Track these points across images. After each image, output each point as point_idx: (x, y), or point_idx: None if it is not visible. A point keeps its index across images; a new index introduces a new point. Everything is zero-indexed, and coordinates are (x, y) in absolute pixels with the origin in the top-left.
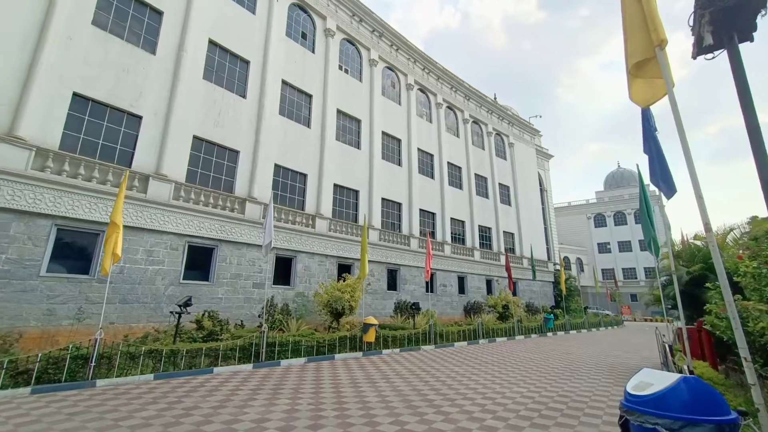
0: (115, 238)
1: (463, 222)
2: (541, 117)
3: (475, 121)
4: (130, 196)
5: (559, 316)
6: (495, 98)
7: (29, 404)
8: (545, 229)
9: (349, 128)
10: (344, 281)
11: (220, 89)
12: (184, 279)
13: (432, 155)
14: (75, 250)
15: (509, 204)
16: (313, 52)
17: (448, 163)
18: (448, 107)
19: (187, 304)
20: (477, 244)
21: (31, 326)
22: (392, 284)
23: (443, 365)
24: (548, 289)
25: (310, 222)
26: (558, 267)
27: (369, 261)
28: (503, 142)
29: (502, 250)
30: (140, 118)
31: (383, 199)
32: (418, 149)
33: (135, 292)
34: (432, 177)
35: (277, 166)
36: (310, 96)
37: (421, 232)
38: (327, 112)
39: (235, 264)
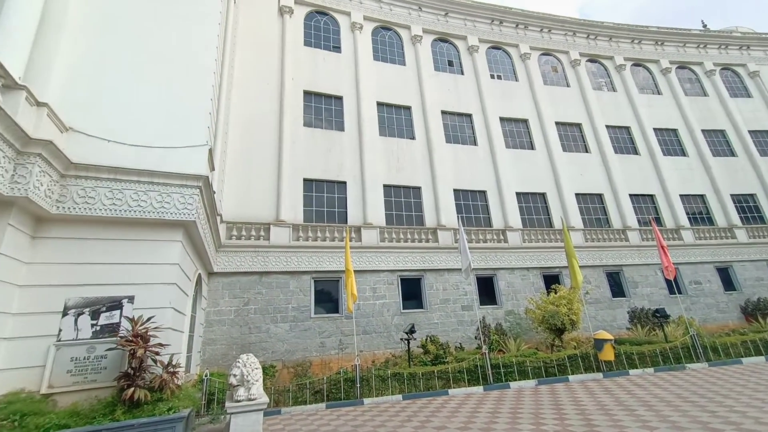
0: (351, 281)
1: (701, 196)
2: None
3: (681, 66)
4: (352, 245)
5: None
6: (705, 27)
7: (328, 416)
8: None
9: (517, 131)
10: (555, 293)
11: (394, 139)
12: (403, 309)
13: (627, 128)
14: (327, 295)
15: None
16: (462, 73)
17: (655, 129)
18: (635, 65)
19: (412, 331)
20: (737, 220)
21: (314, 356)
22: (617, 290)
23: (738, 391)
24: None
25: (501, 237)
26: None
27: (580, 266)
28: (738, 76)
29: None
30: (345, 183)
31: (577, 194)
32: (607, 126)
33: (371, 324)
34: (635, 152)
35: (455, 191)
36: (469, 116)
37: (640, 221)
38: (490, 125)
39: (441, 290)
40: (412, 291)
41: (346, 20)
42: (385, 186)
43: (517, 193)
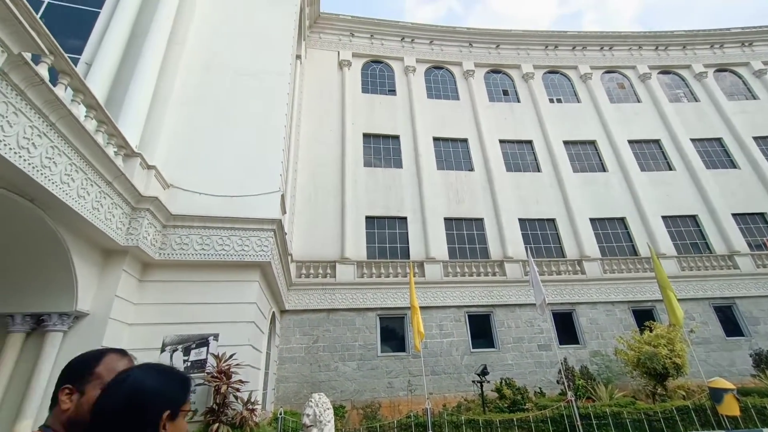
0: (417, 318)
1: None
2: None
3: None
4: (416, 281)
5: None
6: None
7: None
8: None
9: (584, 154)
10: (651, 331)
11: (452, 172)
12: (473, 348)
13: (718, 139)
14: (392, 332)
15: None
16: (518, 101)
17: (756, 138)
18: (718, 70)
19: (484, 372)
20: None
21: (383, 397)
22: (731, 327)
23: None
24: None
25: (578, 268)
26: None
27: (678, 299)
28: None
29: None
30: (405, 218)
31: (664, 217)
32: (692, 140)
33: (439, 364)
34: (733, 166)
35: (521, 221)
36: (529, 142)
37: (751, 245)
38: (553, 149)
39: (513, 327)
40: (481, 328)
41: (399, 65)
42: (445, 219)
43: (592, 220)
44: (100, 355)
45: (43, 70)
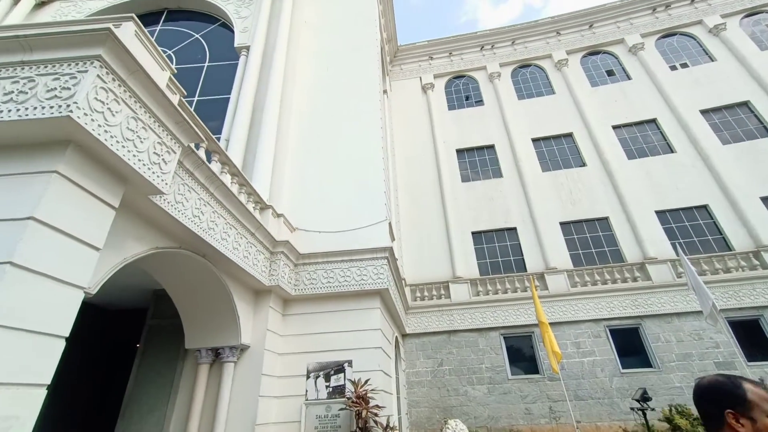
0: (548, 336)
1: None
2: None
3: None
4: (539, 295)
5: None
6: None
7: None
8: None
9: (735, 121)
10: None
11: (560, 171)
12: (623, 368)
13: None
14: (521, 353)
15: None
16: (628, 78)
17: None
18: None
19: (645, 397)
20: None
21: (521, 425)
22: None
23: None
24: None
25: (755, 261)
26: None
27: None
28: None
29: None
30: (514, 228)
31: None
32: None
33: (583, 387)
34: None
35: (659, 213)
36: (652, 121)
37: None
38: (687, 123)
39: (674, 341)
40: (630, 344)
41: (482, 74)
42: (561, 224)
43: (764, 199)
44: (739, 383)
45: (201, 153)
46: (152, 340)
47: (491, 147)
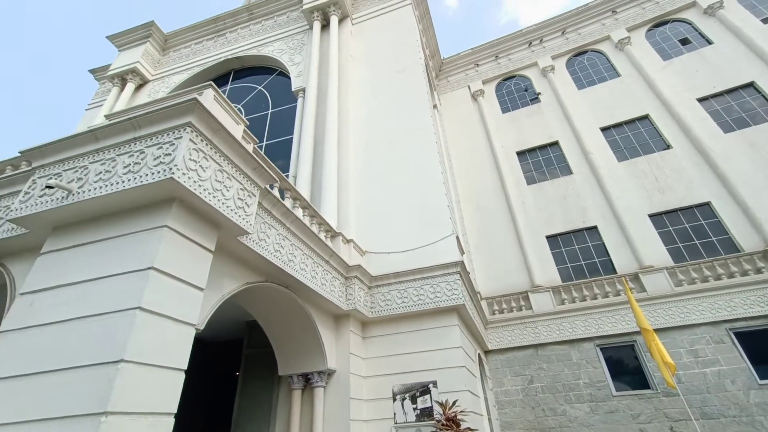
0: (656, 345)
1: None
2: None
3: None
4: (636, 298)
5: None
6: None
7: None
8: None
9: None
10: None
11: (639, 159)
12: (761, 379)
13: None
14: (623, 365)
15: None
16: (708, 43)
17: None
18: None
19: None
20: None
21: None
22: None
23: None
24: None
25: None
26: None
27: None
28: None
29: None
30: (595, 227)
31: None
32: None
33: (710, 404)
34: None
35: None
36: (748, 85)
37: None
38: None
39: None
40: (766, 350)
41: (534, 71)
42: (651, 216)
43: None
44: None
45: (275, 192)
46: (250, 368)
47: (555, 144)
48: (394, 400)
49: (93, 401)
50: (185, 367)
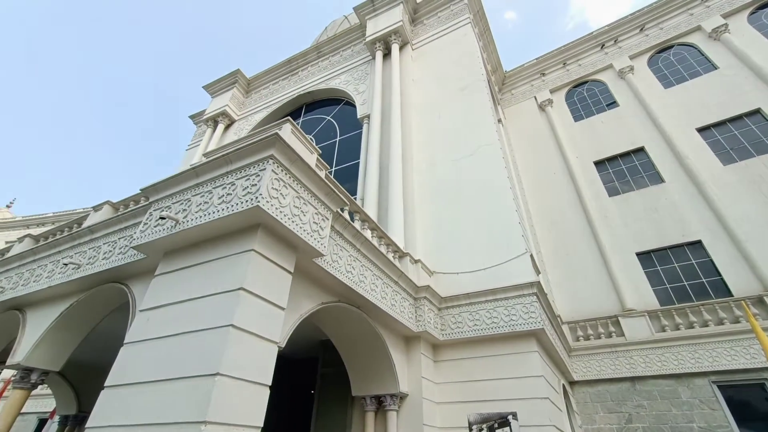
0: None
1: None
2: None
3: None
4: (762, 326)
5: None
6: None
7: None
8: None
9: None
10: None
11: (752, 160)
12: None
13: None
14: (751, 408)
15: None
16: None
17: None
18: None
19: None
20: None
21: None
22: None
23: None
24: None
25: None
26: None
27: None
28: None
29: None
30: (698, 241)
31: None
32: None
33: None
34: None
35: None
36: None
37: None
38: None
39: None
40: None
41: (609, 74)
42: None
43: None
44: None
45: (346, 215)
46: (325, 387)
47: (640, 150)
48: (470, 429)
49: (194, 410)
50: (270, 383)
